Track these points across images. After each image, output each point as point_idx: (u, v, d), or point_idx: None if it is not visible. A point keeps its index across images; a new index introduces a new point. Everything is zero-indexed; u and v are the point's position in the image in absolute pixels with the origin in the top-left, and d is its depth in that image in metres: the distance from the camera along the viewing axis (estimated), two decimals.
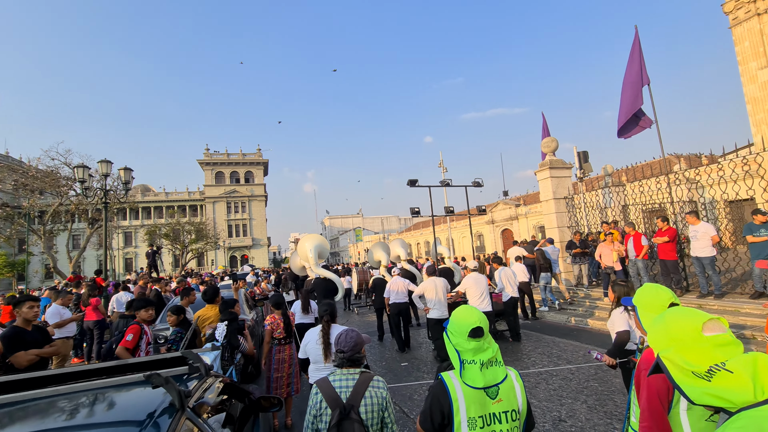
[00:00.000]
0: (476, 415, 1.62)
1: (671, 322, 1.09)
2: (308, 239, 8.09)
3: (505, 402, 1.67)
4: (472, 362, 1.67)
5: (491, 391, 1.65)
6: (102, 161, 12.14)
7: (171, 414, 1.57)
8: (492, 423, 1.64)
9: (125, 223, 54.20)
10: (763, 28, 14.75)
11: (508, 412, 1.67)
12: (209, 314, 4.75)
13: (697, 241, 7.43)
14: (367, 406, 2.06)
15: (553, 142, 11.50)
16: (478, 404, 1.63)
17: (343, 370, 2.22)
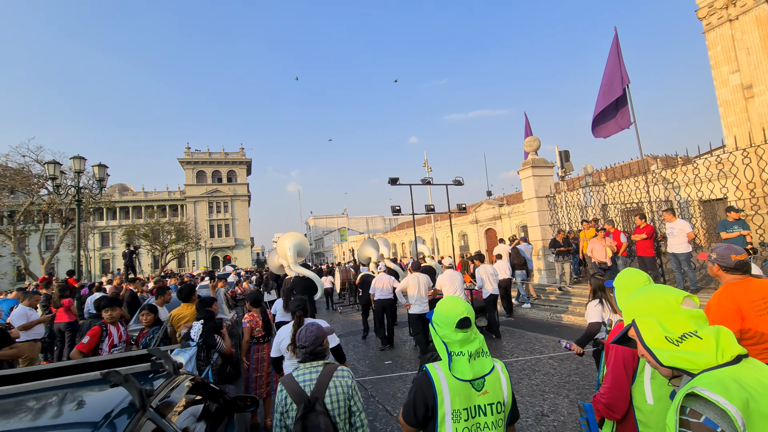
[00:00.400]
0: (461, 408, 1.59)
1: (655, 292, 1.19)
2: (287, 237, 8.06)
3: (490, 394, 1.64)
4: (460, 354, 1.63)
5: (477, 384, 1.62)
6: (75, 158, 11.66)
7: (130, 414, 1.46)
8: (477, 415, 1.60)
9: (102, 223, 52.46)
10: (735, 34, 15.27)
11: (493, 404, 1.63)
12: (185, 313, 4.56)
13: (674, 237, 7.60)
14: (332, 396, 2.06)
15: (536, 142, 11.64)
16: (464, 397, 1.60)
17: (306, 364, 2.20)
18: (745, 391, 0.92)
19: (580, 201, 12.30)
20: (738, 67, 15.12)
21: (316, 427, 1.96)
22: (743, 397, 0.90)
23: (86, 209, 25.02)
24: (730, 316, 2.37)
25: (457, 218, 39.10)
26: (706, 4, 15.53)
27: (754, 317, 2.34)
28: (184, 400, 1.93)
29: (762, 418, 0.88)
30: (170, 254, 37.68)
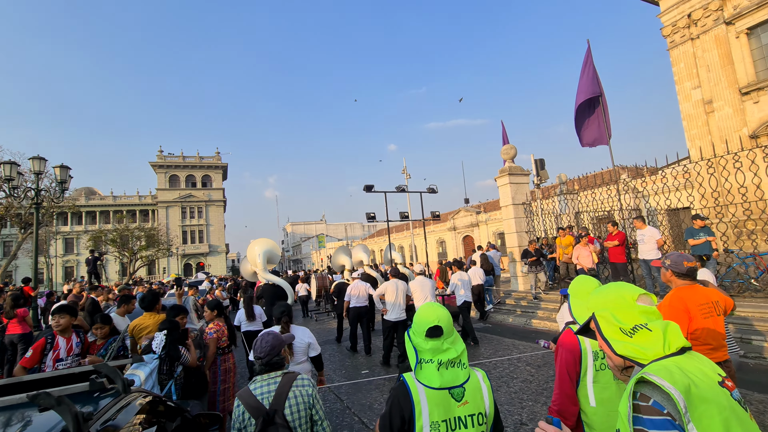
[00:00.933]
0: (440, 419, 1.49)
1: (613, 289, 1.31)
2: (257, 243, 7.96)
3: (471, 405, 1.55)
4: (429, 361, 1.56)
5: (456, 393, 1.53)
6: (34, 158, 10.99)
7: None
8: (457, 428, 1.51)
9: (66, 228, 49.83)
10: (696, 52, 16.10)
11: (474, 415, 1.54)
12: (147, 323, 4.26)
13: (644, 244, 7.82)
14: (291, 407, 1.97)
15: (512, 150, 11.82)
16: (442, 407, 1.51)
17: (264, 376, 2.10)
18: (688, 378, 1.02)
19: (554, 208, 12.56)
20: (699, 83, 15.94)
21: None
22: (686, 383, 1.00)
23: (48, 213, 23.65)
24: (679, 316, 2.60)
25: (436, 225, 39.35)
26: (670, 23, 16.36)
27: (701, 319, 2.61)
28: (135, 421, 1.73)
29: (702, 402, 0.98)
30: (140, 261, 36.14)
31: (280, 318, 3.61)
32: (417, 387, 1.54)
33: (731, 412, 0.99)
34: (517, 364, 6.35)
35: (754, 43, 14.04)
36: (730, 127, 14.23)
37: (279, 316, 3.60)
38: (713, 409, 0.97)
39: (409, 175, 27.51)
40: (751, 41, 14.09)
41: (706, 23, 15.03)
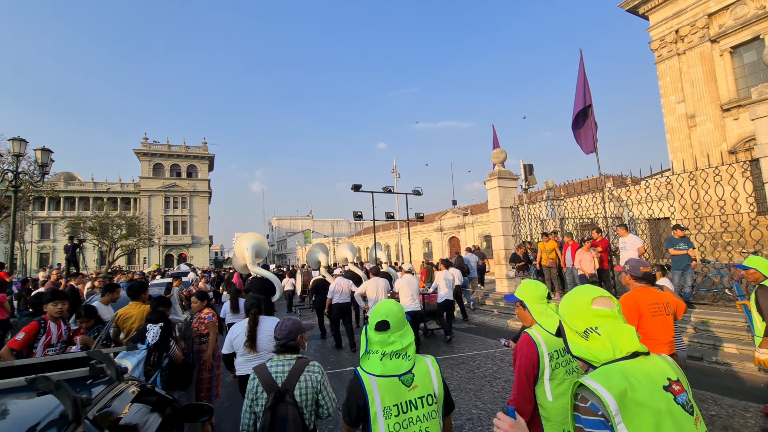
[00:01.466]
0: (391, 404, 1.65)
1: (570, 295, 1.40)
2: (245, 238, 7.94)
3: (420, 388, 1.71)
4: (375, 352, 1.75)
5: (406, 379, 1.70)
6: (14, 139, 10.63)
7: (61, 427, 1.25)
8: (408, 410, 1.67)
9: (42, 213, 48.22)
10: (682, 67, 16.59)
11: (423, 397, 1.71)
12: (132, 313, 4.18)
13: (626, 252, 8.04)
14: (301, 390, 2.16)
15: (503, 154, 11.98)
16: (393, 393, 1.66)
17: (279, 357, 2.31)
18: (627, 382, 1.08)
19: (540, 214, 12.79)
20: (684, 97, 16.44)
21: (284, 417, 2.05)
22: (622, 387, 1.07)
23: (25, 197, 22.86)
24: (630, 314, 3.01)
25: (422, 225, 39.54)
26: (658, 38, 16.81)
27: (649, 317, 3.02)
28: (127, 409, 1.72)
29: (636, 405, 1.05)
30: (119, 250, 35.27)
31: (249, 309, 3.72)
32: (369, 378, 1.69)
33: (668, 414, 1.06)
34: (501, 364, 6.47)
35: (737, 61, 14.55)
36: (710, 142, 14.73)
37: (248, 308, 3.71)
38: (646, 411, 1.05)
39: (399, 174, 27.57)
40: (734, 60, 14.60)
41: (692, 40, 15.50)
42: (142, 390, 1.99)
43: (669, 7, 16.15)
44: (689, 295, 7.64)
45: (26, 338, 3.21)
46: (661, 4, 16.34)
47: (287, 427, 2.05)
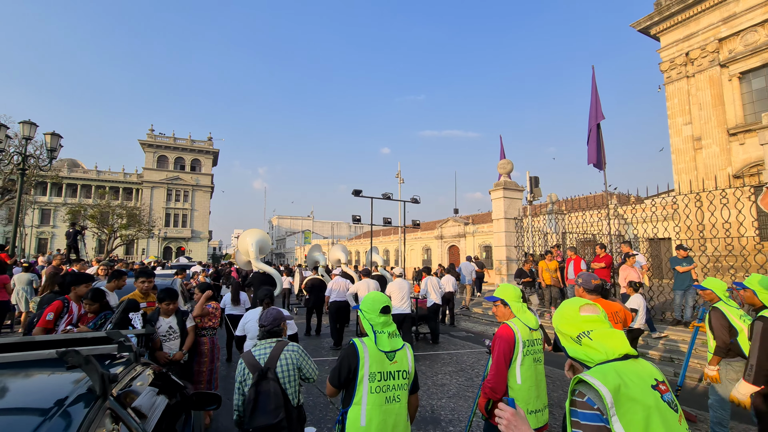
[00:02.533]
0: (376, 371, 2.06)
1: (564, 306, 1.57)
2: (250, 233, 8.16)
3: (399, 363, 2.14)
4: (382, 332, 2.15)
5: (390, 355, 2.12)
6: (24, 122, 10.68)
7: (89, 402, 1.26)
8: (388, 378, 2.08)
9: (44, 198, 48.21)
10: (690, 89, 16.69)
11: (400, 371, 2.13)
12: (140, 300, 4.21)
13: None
14: (282, 367, 2.50)
15: (509, 165, 12.03)
16: (379, 363, 2.08)
17: (262, 342, 2.65)
18: (621, 379, 1.20)
19: (543, 227, 12.82)
20: (691, 119, 16.53)
21: (266, 392, 2.38)
22: (616, 383, 1.19)
23: (29, 181, 22.89)
24: None
25: (423, 233, 39.56)
26: (668, 59, 16.93)
27: None
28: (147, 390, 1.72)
29: (629, 400, 1.17)
30: (118, 239, 35.25)
31: (263, 300, 4.16)
32: (362, 347, 2.09)
33: (656, 410, 1.18)
34: None
35: (745, 87, 14.65)
36: (715, 165, 14.77)
37: (262, 298, 4.17)
38: (638, 406, 1.17)
39: (403, 179, 27.64)
40: (743, 85, 14.69)
41: (702, 63, 15.61)
42: (157, 373, 2.00)
43: (680, 29, 16.29)
44: (690, 316, 7.63)
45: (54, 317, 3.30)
46: (673, 26, 16.49)
47: (269, 399, 2.37)
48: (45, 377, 1.44)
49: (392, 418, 2.03)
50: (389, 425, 2.01)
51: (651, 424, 1.14)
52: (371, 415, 1.98)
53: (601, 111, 9.01)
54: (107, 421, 1.27)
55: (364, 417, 1.98)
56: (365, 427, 1.97)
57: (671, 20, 16.33)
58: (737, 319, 3.69)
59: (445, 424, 4.46)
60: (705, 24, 15.43)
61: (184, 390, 2.34)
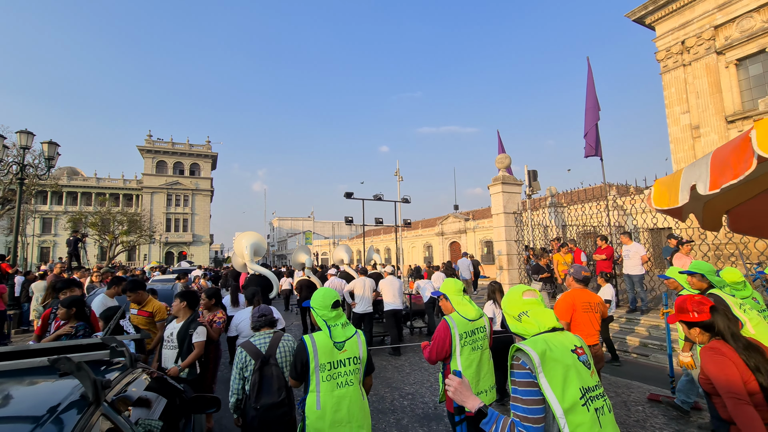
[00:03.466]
0: (326, 361, 2.29)
1: (511, 291, 1.90)
2: (245, 236, 8.20)
3: (348, 351, 2.37)
4: (336, 325, 2.40)
5: (339, 345, 2.35)
6: (21, 132, 10.69)
7: (81, 409, 1.26)
8: (338, 366, 2.32)
9: (44, 207, 48.29)
10: (687, 78, 16.62)
11: (350, 358, 2.36)
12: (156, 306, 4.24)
13: (629, 260, 8.04)
14: (281, 354, 2.82)
15: (507, 159, 12.00)
16: (328, 354, 2.30)
17: (261, 332, 2.96)
18: (547, 345, 1.55)
19: (543, 221, 12.80)
20: (688, 108, 16.47)
21: (269, 375, 2.69)
22: (543, 349, 1.54)
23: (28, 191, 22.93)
24: (566, 309, 3.80)
25: (423, 230, 39.58)
26: (664, 48, 16.85)
27: (581, 312, 3.78)
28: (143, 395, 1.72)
29: (552, 360, 1.51)
30: (120, 246, 35.29)
31: (251, 298, 4.48)
32: (311, 342, 2.32)
33: (573, 368, 1.53)
34: None
35: (742, 74, 14.59)
36: None
37: (250, 297, 4.50)
38: (558, 365, 1.51)
39: (402, 177, 27.58)
40: (740, 72, 14.63)
41: (698, 51, 15.54)
42: (154, 378, 2.00)
43: (675, 18, 16.21)
44: None
45: (42, 325, 3.27)
46: (667, 15, 16.41)
47: (273, 381, 2.68)
48: (37, 385, 1.44)
49: (345, 401, 2.28)
50: (343, 407, 2.26)
51: (568, 378, 1.48)
52: (325, 399, 2.24)
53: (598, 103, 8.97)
54: (101, 427, 1.27)
55: (318, 402, 2.24)
56: (321, 411, 2.23)
57: (666, 9, 16.26)
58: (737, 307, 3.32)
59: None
60: (700, 11, 15.36)
61: (183, 394, 2.34)
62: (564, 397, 1.44)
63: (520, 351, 1.57)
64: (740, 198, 2.70)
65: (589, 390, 1.52)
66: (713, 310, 2.21)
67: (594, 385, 1.56)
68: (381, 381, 5.94)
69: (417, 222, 44.76)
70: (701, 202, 2.69)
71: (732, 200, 2.74)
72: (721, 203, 2.74)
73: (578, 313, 3.75)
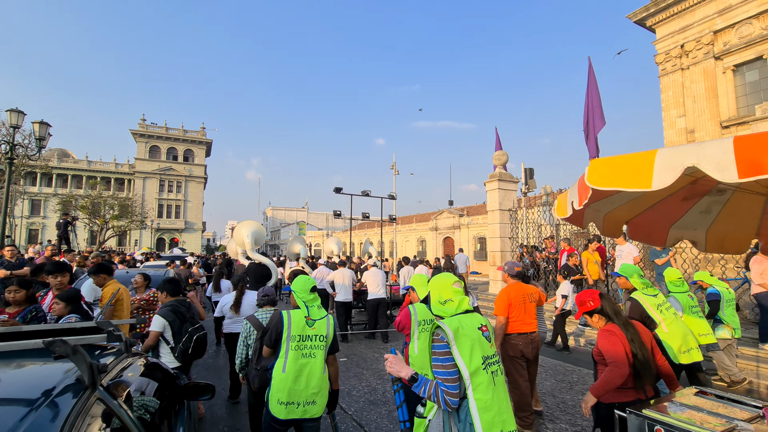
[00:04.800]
0: (296, 334, 2.70)
1: (442, 278, 2.21)
2: (245, 225, 8.43)
3: (317, 329, 2.77)
4: (312, 305, 2.83)
5: (310, 323, 2.76)
6: (11, 110, 10.44)
7: (77, 393, 1.24)
8: (306, 340, 2.72)
9: (33, 189, 47.46)
10: (685, 82, 16.71)
11: (318, 335, 2.76)
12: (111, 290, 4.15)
13: (622, 260, 8.11)
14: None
15: (504, 156, 12.02)
16: (300, 328, 2.73)
17: (264, 309, 3.58)
18: (459, 324, 1.96)
19: (537, 219, 12.86)
20: (684, 112, 16.59)
21: None
22: (456, 326, 1.94)
23: (17, 171, 22.48)
24: (503, 305, 4.09)
25: (417, 224, 39.67)
26: (664, 51, 16.91)
27: (517, 305, 4.06)
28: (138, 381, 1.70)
29: (463, 335, 1.92)
30: (110, 230, 34.88)
31: (237, 284, 4.99)
32: (287, 317, 2.73)
33: (477, 341, 1.95)
34: None
35: (739, 80, 14.70)
36: None
37: (236, 282, 5.02)
38: (467, 339, 1.92)
39: (398, 171, 27.52)
40: (736, 78, 14.74)
41: (696, 55, 15.62)
42: (149, 364, 1.98)
43: (676, 21, 16.25)
44: None
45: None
46: (668, 17, 16.44)
47: None
48: (32, 367, 1.41)
49: (307, 369, 2.66)
50: (304, 374, 2.65)
51: (474, 349, 1.92)
52: (290, 365, 2.63)
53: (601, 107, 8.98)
54: (97, 411, 1.25)
55: (285, 366, 2.63)
56: (285, 375, 2.61)
57: (667, 11, 16.28)
58: (654, 309, 3.69)
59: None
60: (701, 16, 15.40)
61: (177, 380, 2.32)
62: (470, 363, 1.88)
63: (439, 328, 1.97)
64: (636, 211, 3.21)
65: (489, 358, 1.97)
66: (601, 297, 2.83)
67: (492, 354, 2.02)
68: (372, 373, 5.98)
69: (411, 216, 44.86)
70: (601, 214, 3.15)
71: (630, 212, 3.23)
72: (621, 214, 3.22)
73: (514, 305, 4.04)
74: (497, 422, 1.84)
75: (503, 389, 1.98)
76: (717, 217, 3.24)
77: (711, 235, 3.36)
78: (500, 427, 1.85)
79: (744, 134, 1.75)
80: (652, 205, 3.11)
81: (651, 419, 2.08)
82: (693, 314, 4.33)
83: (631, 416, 2.18)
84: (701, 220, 3.28)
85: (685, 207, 3.14)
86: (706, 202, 3.12)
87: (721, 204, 3.13)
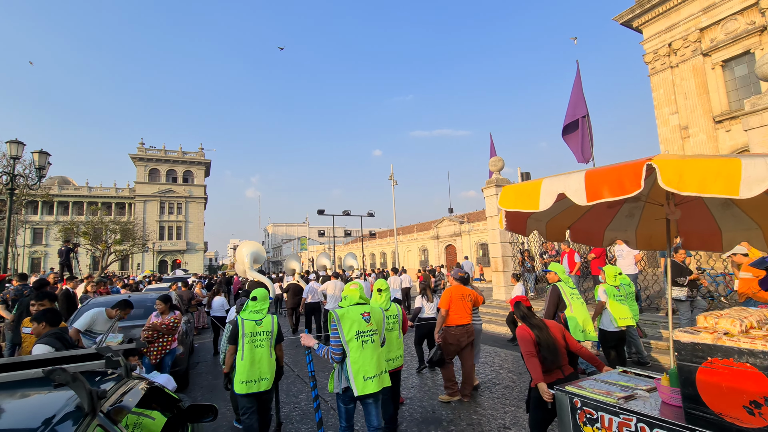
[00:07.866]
0: (249, 332, 3.66)
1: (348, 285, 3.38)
2: (245, 245, 8.75)
3: (264, 326, 3.76)
4: (256, 311, 3.83)
5: (258, 322, 3.74)
6: (11, 141, 10.56)
7: (77, 420, 1.25)
8: (256, 336, 3.68)
9: (35, 217, 47.67)
10: (675, 79, 16.87)
11: (264, 331, 3.75)
12: None
13: (623, 259, 8.11)
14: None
15: (500, 162, 12.10)
16: (251, 328, 3.68)
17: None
18: (346, 311, 3.18)
19: None
20: (677, 109, 16.71)
21: None
22: (343, 312, 3.16)
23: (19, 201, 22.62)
24: (446, 300, 5.13)
25: (419, 233, 39.65)
26: (652, 51, 17.12)
27: (457, 302, 5.12)
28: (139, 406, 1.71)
29: (348, 319, 3.12)
30: (113, 255, 34.89)
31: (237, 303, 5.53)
32: (241, 321, 3.69)
33: (356, 322, 3.12)
34: (499, 371, 6.46)
35: (728, 75, 14.85)
36: (703, 153, 14.94)
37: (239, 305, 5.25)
38: (349, 320, 3.11)
39: (396, 181, 27.63)
40: (726, 73, 14.89)
41: (685, 53, 15.81)
42: (150, 388, 1.98)
43: (662, 21, 16.49)
44: None
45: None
46: (654, 18, 16.69)
47: None
48: (32, 396, 1.42)
49: (258, 356, 3.64)
50: (256, 359, 3.62)
51: (352, 326, 3.07)
52: (246, 355, 3.59)
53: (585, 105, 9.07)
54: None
55: (242, 356, 3.59)
56: (243, 361, 3.58)
57: (653, 12, 16.54)
58: (567, 295, 4.97)
59: (447, 424, 4.45)
60: (686, 14, 15.65)
61: (179, 403, 2.32)
62: (348, 335, 3.06)
63: (331, 314, 3.15)
64: (573, 217, 3.70)
65: (362, 333, 3.11)
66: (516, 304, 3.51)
67: (367, 330, 3.14)
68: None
69: (412, 226, 44.88)
70: (543, 223, 3.64)
71: (569, 219, 3.71)
72: (561, 221, 3.70)
73: (455, 302, 5.09)
74: (361, 370, 3.00)
75: (370, 351, 3.08)
76: (640, 221, 3.84)
77: (639, 235, 3.94)
78: (363, 373, 3.00)
79: (594, 168, 2.32)
80: (585, 212, 3.62)
81: (571, 393, 2.55)
82: (617, 300, 5.23)
83: (558, 392, 2.66)
84: (629, 223, 3.88)
85: (612, 213, 3.75)
86: (628, 208, 3.71)
87: (639, 209, 3.73)
